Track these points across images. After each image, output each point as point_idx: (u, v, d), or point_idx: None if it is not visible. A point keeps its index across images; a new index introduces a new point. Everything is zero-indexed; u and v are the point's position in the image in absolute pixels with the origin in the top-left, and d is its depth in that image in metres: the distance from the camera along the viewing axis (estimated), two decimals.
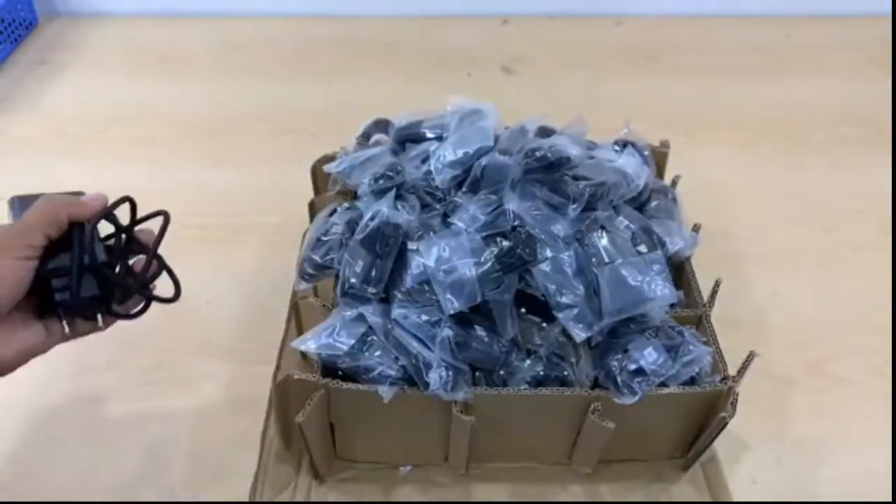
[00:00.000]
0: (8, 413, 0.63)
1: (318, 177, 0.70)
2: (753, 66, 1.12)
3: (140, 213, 0.47)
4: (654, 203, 0.64)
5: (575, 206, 0.55)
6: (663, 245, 0.59)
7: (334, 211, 0.60)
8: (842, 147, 0.95)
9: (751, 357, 0.54)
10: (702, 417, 0.55)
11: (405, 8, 1.24)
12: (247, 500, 0.56)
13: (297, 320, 0.61)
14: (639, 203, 0.63)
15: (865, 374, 0.67)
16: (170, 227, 0.46)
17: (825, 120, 1.00)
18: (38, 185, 0.92)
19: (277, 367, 0.65)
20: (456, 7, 1.24)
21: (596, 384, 0.54)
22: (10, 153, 0.94)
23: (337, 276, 0.56)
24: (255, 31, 1.20)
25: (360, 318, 0.53)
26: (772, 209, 0.85)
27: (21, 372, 0.67)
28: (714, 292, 0.59)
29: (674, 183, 0.70)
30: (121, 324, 0.72)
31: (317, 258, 0.57)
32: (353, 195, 0.62)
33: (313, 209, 0.68)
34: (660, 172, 0.71)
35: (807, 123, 0.99)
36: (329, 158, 0.66)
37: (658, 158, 0.70)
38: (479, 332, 0.52)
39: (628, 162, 0.60)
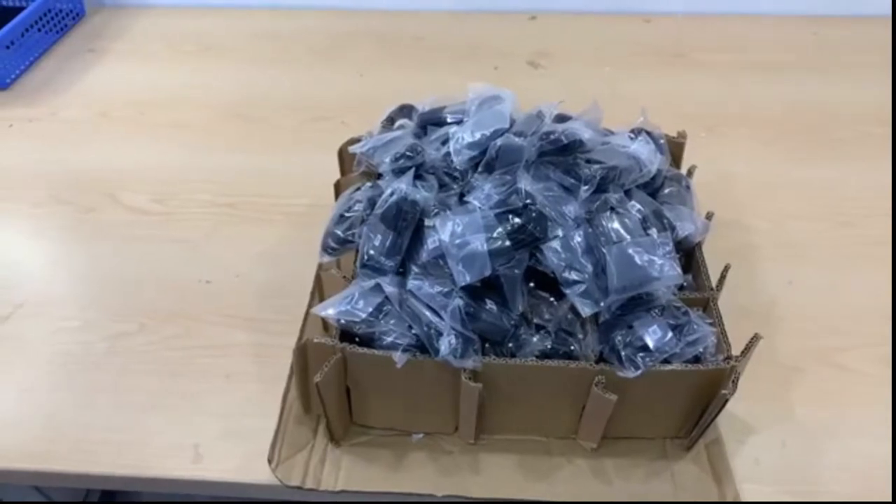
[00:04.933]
0: (47, 369, 0.67)
1: (345, 159, 0.73)
2: (780, 64, 1.12)
3: (174, 192, 0.49)
4: (667, 190, 0.65)
5: (586, 187, 0.57)
6: (673, 229, 0.61)
7: (357, 189, 0.63)
8: (864, 145, 0.95)
9: (755, 338, 0.55)
10: (705, 397, 0.57)
11: (436, 3, 1.27)
12: (266, 456, 0.59)
13: (320, 290, 0.64)
14: (652, 189, 0.64)
15: (874, 365, 0.68)
16: (202, 206, 0.48)
17: (849, 118, 0.99)
18: (84, 161, 0.98)
19: (301, 336, 0.68)
20: (485, 3, 1.27)
21: (601, 359, 0.56)
22: (59, 133, 1.00)
23: (357, 251, 0.59)
24: (289, 23, 1.25)
25: (378, 288, 0.55)
26: (789, 203, 0.85)
27: (62, 333, 0.71)
28: (722, 276, 0.61)
29: (689, 173, 0.71)
30: (154, 291, 0.76)
31: (339, 233, 0.60)
32: (378, 177, 0.65)
33: (338, 189, 0.71)
34: (676, 163, 0.72)
35: (830, 121, 0.99)
36: (355, 141, 0.69)
37: (675, 149, 0.72)
38: (490, 305, 0.55)
39: (641, 148, 0.62)
